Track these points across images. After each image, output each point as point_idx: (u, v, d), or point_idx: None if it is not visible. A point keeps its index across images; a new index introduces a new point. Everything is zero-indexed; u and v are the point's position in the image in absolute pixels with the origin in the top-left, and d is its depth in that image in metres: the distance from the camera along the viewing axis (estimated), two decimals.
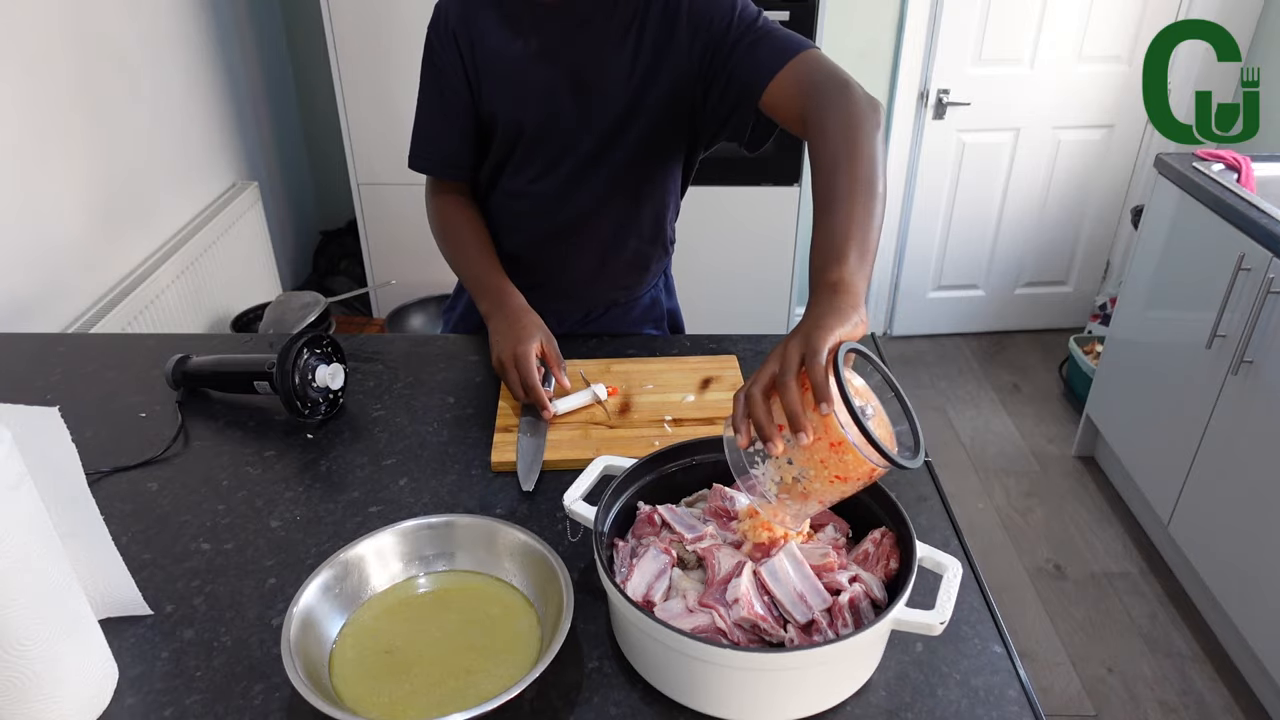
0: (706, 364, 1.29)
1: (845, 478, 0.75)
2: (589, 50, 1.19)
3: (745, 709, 0.77)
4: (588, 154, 1.24)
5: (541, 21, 1.19)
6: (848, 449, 0.73)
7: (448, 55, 1.22)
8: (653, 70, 1.18)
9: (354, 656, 0.82)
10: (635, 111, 1.21)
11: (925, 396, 3.05)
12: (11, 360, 1.35)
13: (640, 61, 1.18)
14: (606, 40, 1.18)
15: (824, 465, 0.75)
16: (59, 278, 1.85)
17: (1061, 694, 1.98)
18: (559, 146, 1.25)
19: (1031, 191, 3.16)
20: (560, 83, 1.20)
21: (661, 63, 1.18)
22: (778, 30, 1.12)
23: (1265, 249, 1.87)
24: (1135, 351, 2.44)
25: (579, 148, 1.24)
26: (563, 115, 1.22)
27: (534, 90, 1.21)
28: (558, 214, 1.30)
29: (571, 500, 0.90)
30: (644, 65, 1.18)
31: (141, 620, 0.88)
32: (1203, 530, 2.11)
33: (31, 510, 0.71)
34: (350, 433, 1.17)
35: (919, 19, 2.85)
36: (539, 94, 1.21)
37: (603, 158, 1.25)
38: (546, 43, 1.19)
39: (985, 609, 0.90)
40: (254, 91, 2.77)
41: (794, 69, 1.06)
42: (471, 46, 1.21)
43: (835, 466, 0.75)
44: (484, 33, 1.20)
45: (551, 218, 1.31)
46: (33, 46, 1.76)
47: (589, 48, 1.19)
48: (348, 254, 3.14)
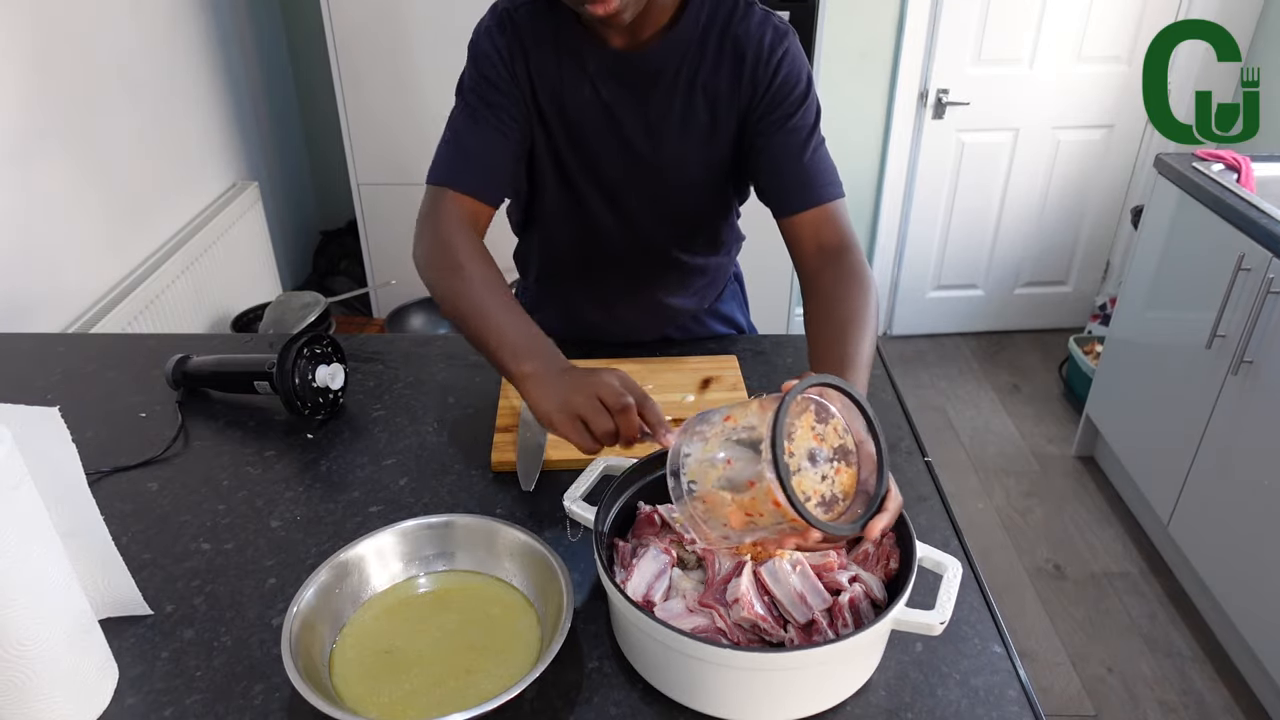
0: (706, 364, 1.29)
1: (751, 514, 0.72)
2: (660, 101, 1.14)
3: (745, 709, 0.77)
4: (663, 199, 1.23)
5: (608, 69, 1.13)
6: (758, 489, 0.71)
7: (500, 77, 1.13)
8: (716, 110, 1.15)
9: (354, 656, 0.82)
10: (712, 156, 1.19)
11: (925, 396, 3.05)
12: (11, 360, 1.35)
13: (707, 107, 1.15)
14: (676, 88, 1.13)
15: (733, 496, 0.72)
16: (59, 278, 1.85)
17: (1061, 694, 1.98)
18: (633, 192, 1.22)
19: (1031, 191, 3.16)
20: (638, 138, 1.16)
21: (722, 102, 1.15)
22: (824, 158, 1.15)
23: (1265, 249, 1.87)
24: (1135, 351, 2.44)
25: (654, 193, 1.22)
26: (625, 165, 1.19)
27: (611, 146, 1.17)
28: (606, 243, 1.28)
29: (571, 500, 0.90)
30: (710, 110, 1.15)
31: (141, 620, 0.88)
32: (1203, 530, 2.11)
33: (31, 510, 0.71)
34: (350, 433, 1.17)
35: (919, 19, 2.85)
36: (616, 149, 1.17)
37: (678, 198, 1.23)
38: (618, 95, 1.14)
39: (985, 609, 0.90)
40: (254, 91, 2.76)
41: (822, 214, 1.12)
42: (532, 93, 1.14)
43: (743, 502, 0.72)
44: (545, 81, 1.13)
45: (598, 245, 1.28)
46: (33, 47, 1.76)
47: (659, 98, 1.14)
48: (348, 254, 3.14)
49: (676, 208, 1.25)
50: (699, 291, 1.39)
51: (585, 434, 0.91)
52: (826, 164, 1.14)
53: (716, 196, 1.26)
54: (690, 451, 0.76)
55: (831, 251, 1.09)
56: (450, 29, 2.43)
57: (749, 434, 0.73)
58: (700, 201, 1.26)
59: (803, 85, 1.13)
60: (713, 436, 0.75)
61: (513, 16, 1.13)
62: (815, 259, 1.10)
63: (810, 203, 1.11)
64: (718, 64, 1.12)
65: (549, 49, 1.13)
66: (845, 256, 1.08)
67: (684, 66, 1.12)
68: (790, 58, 1.12)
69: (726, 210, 1.31)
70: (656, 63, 1.12)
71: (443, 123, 1.18)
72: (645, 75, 1.13)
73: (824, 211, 1.11)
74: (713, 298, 1.44)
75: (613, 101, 1.15)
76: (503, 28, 1.13)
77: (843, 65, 2.90)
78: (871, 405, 0.77)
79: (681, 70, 1.13)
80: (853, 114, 3.00)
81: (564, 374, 0.96)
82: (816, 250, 1.11)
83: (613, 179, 1.21)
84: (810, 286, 1.09)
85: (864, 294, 1.03)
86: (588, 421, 0.91)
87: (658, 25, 1.10)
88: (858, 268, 1.07)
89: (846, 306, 1.02)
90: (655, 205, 1.24)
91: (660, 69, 1.12)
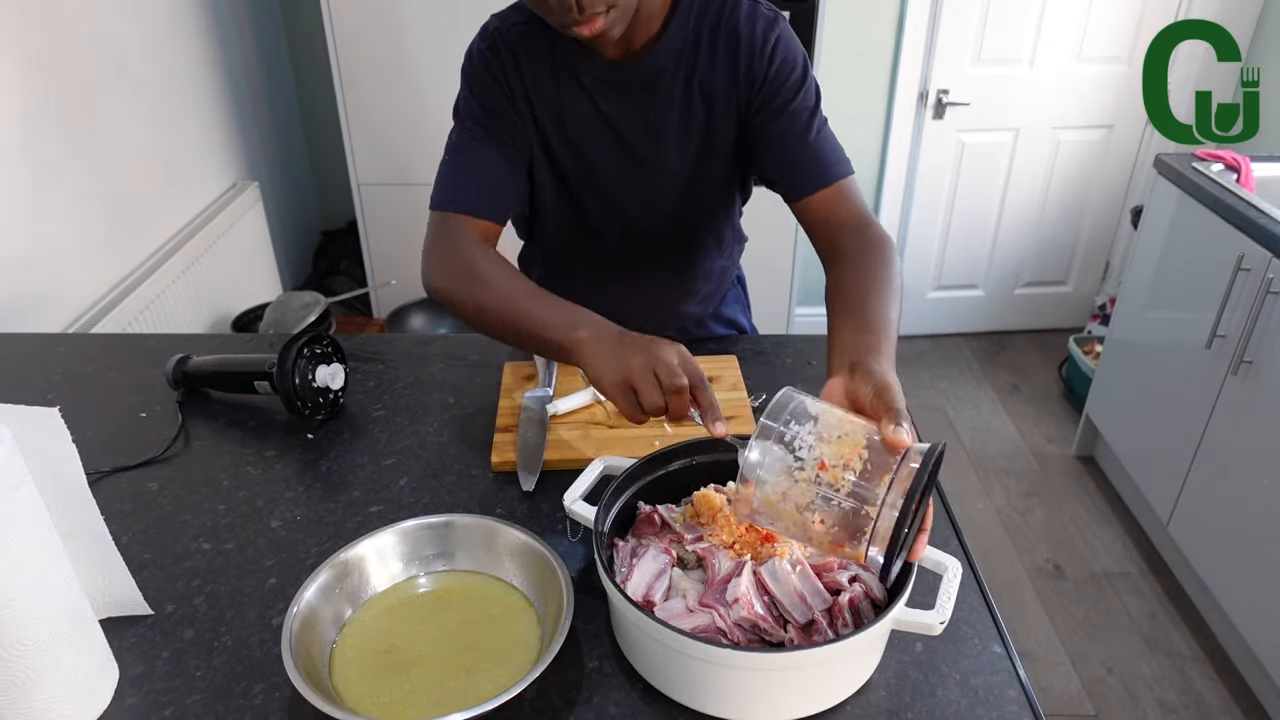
0: (706, 364, 1.29)
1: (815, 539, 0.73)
2: (658, 107, 1.14)
3: (745, 709, 0.77)
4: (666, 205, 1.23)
5: (603, 80, 1.13)
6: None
7: (497, 99, 1.13)
8: (713, 109, 1.15)
9: (354, 656, 0.82)
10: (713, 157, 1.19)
11: (925, 396, 3.05)
12: (11, 360, 1.35)
13: (704, 107, 1.15)
14: (674, 93, 1.14)
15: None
16: (59, 278, 1.85)
17: (1061, 694, 1.98)
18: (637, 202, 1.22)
19: (1031, 192, 3.16)
20: (639, 145, 1.17)
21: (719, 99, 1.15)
22: (829, 138, 1.14)
23: (1265, 249, 1.87)
24: (1135, 352, 2.44)
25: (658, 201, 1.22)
26: (642, 175, 1.19)
27: (612, 155, 1.17)
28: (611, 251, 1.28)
29: (571, 500, 0.90)
30: (706, 111, 1.15)
31: (142, 620, 0.88)
32: (1202, 530, 2.11)
33: (32, 510, 0.71)
34: (350, 433, 1.17)
35: (919, 19, 2.85)
36: (618, 159, 1.18)
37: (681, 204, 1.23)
38: (615, 105, 1.14)
39: (985, 609, 0.90)
40: (254, 91, 2.77)
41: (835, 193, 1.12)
42: (529, 108, 1.14)
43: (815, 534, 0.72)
44: (541, 96, 1.13)
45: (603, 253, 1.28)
46: (33, 47, 1.76)
47: (657, 104, 1.14)
48: (348, 254, 3.14)
49: (679, 212, 1.24)
50: (704, 299, 1.39)
51: (635, 404, 0.90)
52: (832, 143, 1.14)
53: (719, 196, 1.26)
54: (770, 481, 0.73)
55: (850, 227, 1.09)
56: (450, 29, 2.44)
57: (852, 503, 0.70)
58: (702, 203, 1.26)
59: (799, 69, 1.13)
60: (802, 481, 0.72)
61: (504, 37, 1.12)
62: (833, 236, 1.10)
63: (822, 183, 1.11)
64: (712, 62, 1.13)
65: (544, 65, 1.13)
66: (865, 230, 1.08)
67: (680, 68, 1.12)
68: (783, 43, 1.13)
69: (729, 210, 1.31)
70: (652, 68, 1.12)
71: (443, 123, 1.18)
72: (642, 82, 1.13)
73: (837, 190, 1.11)
74: (717, 302, 1.44)
75: (611, 111, 1.15)
76: (496, 50, 1.12)
77: (843, 65, 2.90)
78: None
79: (678, 72, 1.13)
80: (853, 114, 3.00)
81: (622, 338, 0.93)
82: (835, 228, 1.10)
83: (614, 189, 1.21)
84: (831, 260, 1.08)
85: (887, 261, 1.02)
86: (639, 392, 0.89)
87: (650, 32, 1.11)
88: (878, 238, 1.06)
89: (870, 272, 1.00)
90: (658, 212, 1.24)
91: (656, 74, 1.13)
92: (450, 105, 1.17)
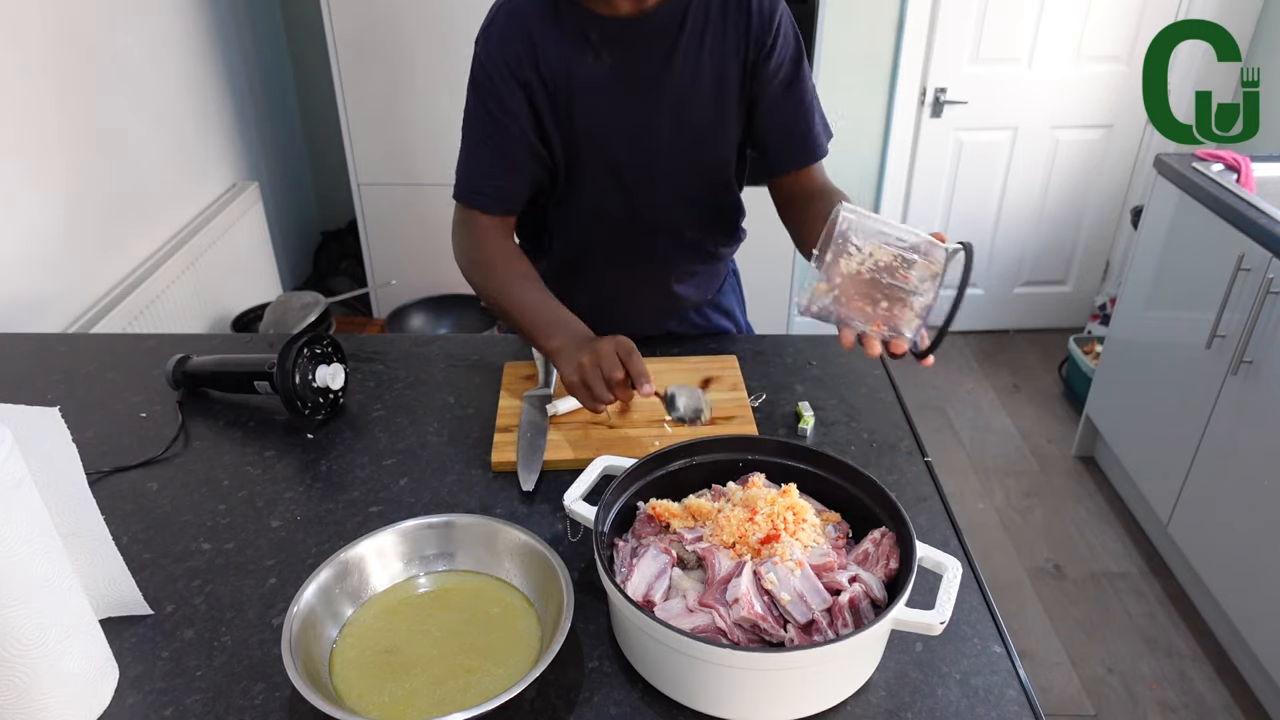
0: (706, 364, 1.29)
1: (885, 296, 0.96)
2: (667, 63, 1.15)
3: (745, 709, 0.77)
4: (673, 168, 1.24)
5: (612, 36, 1.13)
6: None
7: (504, 89, 1.15)
8: (723, 72, 1.18)
9: (354, 656, 0.82)
10: (720, 119, 1.21)
11: (925, 396, 3.05)
12: (11, 360, 1.35)
13: (713, 69, 1.17)
14: (681, 49, 1.15)
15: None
16: (59, 278, 1.85)
17: (1061, 694, 1.98)
18: (644, 163, 1.23)
19: (1030, 191, 3.16)
20: (649, 103, 1.17)
21: (728, 63, 1.17)
22: (814, 105, 1.25)
23: (1265, 249, 1.87)
24: (1135, 351, 2.44)
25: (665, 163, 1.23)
26: (651, 133, 1.20)
27: (622, 113, 1.18)
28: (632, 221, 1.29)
29: (571, 500, 0.90)
30: (716, 72, 1.17)
31: (142, 620, 0.88)
32: (1202, 530, 2.11)
33: (31, 510, 0.71)
34: (350, 433, 1.17)
35: (918, 18, 2.85)
36: (627, 117, 1.18)
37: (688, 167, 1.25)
38: (624, 60, 1.15)
39: (985, 609, 0.90)
40: (254, 91, 2.77)
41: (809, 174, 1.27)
42: (539, 77, 1.14)
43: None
44: (550, 59, 1.14)
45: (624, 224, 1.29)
46: (33, 47, 1.76)
47: (666, 61, 1.15)
48: (348, 254, 3.14)
49: (682, 177, 1.25)
50: (703, 281, 1.41)
51: (590, 397, 1.07)
52: (816, 115, 1.26)
53: (722, 160, 1.27)
54: (862, 246, 0.92)
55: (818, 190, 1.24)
56: (450, 29, 2.44)
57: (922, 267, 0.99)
58: (706, 168, 1.26)
59: (798, 46, 1.21)
60: (885, 247, 0.95)
61: (513, 5, 1.15)
62: (804, 200, 1.24)
63: (803, 162, 1.25)
64: (722, 21, 1.15)
65: (553, 29, 1.14)
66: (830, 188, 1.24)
67: (688, 23, 1.14)
68: (786, 19, 1.19)
69: (728, 179, 1.31)
70: (661, 21, 1.13)
71: (443, 123, 1.18)
72: (650, 36, 1.14)
73: (818, 167, 1.28)
74: (714, 288, 1.46)
75: (619, 67, 1.15)
76: (509, 21, 1.14)
77: (843, 65, 2.90)
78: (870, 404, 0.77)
79: (685, 27, 1.14)
80: (852, 113, 3.00)
81: (580, 345, 1.09)
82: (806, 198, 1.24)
83: (620, 157, 1.22)
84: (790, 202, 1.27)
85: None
86: (589, 386, 1.06)
87: None
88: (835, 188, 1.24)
89: (830, 192, 1.21)
90: (662, 176, 1.24)
91: (664, 28, 1.14)
92: (451, 105, 1.18)
